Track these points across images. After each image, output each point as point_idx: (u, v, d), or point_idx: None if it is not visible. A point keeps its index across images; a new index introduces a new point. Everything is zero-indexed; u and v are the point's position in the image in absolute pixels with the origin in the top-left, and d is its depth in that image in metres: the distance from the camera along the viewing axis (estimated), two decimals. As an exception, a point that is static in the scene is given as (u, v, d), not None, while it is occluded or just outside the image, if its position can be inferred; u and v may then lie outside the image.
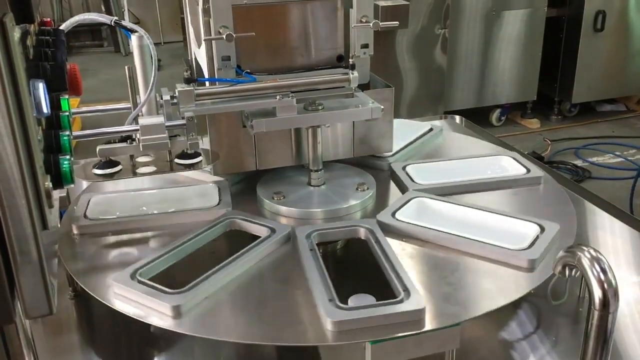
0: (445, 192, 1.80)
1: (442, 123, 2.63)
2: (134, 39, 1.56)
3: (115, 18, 1.60)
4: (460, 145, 2.25)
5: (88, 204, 1.75)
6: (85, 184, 1.96)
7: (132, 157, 1.61)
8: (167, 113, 1.60)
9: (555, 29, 5.52)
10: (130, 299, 1.35)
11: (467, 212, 1.67)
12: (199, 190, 1.84)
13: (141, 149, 1.55)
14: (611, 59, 5.60)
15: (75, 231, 1.63)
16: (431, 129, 2.27)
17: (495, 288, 1.41)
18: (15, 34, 0.68)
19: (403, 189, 1.83)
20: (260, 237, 1.57)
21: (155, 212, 1.72)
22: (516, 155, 2.03)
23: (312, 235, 1.55)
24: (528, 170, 1.92)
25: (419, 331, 1.26)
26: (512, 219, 1.62)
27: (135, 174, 1.59)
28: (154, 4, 8.83)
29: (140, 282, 1.37)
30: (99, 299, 1.38)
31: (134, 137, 1.58)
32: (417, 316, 1.27)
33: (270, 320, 1.30)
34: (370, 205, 1.77)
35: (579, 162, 5.06)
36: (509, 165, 1.98)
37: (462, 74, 5.31)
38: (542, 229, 1.56)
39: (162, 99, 1.61)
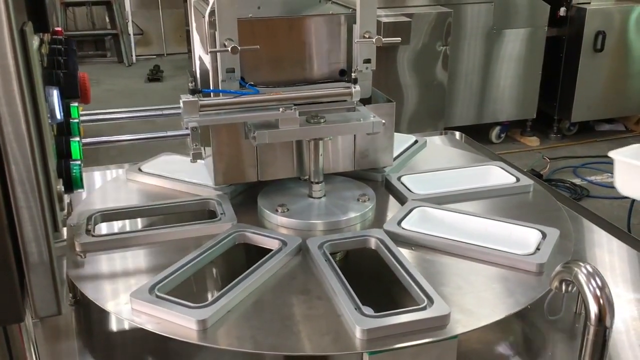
0: (443, 201, 1.85)
1: (442, 139, 2.66)
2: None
3: None
4: (445, 156, 2.33)
5: (91, 219, 1.73)
6: (85, 194, 1.98)
7: None
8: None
9: (555, 48, 5.57)
10: (151, 315, 1.34)
11: (469, 220, 1.72)
12: (201, 204, 1.85)
13: None
14: (610, 79, 5.65)
15: (78, 248, 1.61)
16: (416, 141, 2.32)
17: (509, 293, 1.45)
18: (34, 42, 0.70)
19: (402, 199, 1.86)
20: (271, 249, 1.58)
21: (160, 226, 1.72)
22: (503, 165, 2.09)
23: (324, 246, 1.58)
24: (517, 179, 1.98)
25: (445, 337, 1.29)
26: (513, 226, 1.67)
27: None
28: (157, 16, 8.89)
29: (159, 297, 1.37)
30: (119, 316, 1.39)
31: None
32: (443, 322, 1.30)
33: (297, 330, 1.32)
34: (371, 216, 1.79)
35: (577, 181, 5.08)
36: (499, 175, 2.04)
37: (462, 91, 5.34)
38: (544, 235, 1.60)
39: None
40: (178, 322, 1.31)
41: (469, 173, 2.04)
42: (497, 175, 2.03)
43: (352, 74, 1.81)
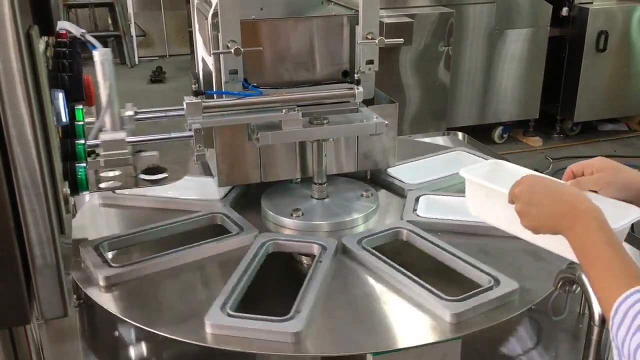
0: (437, 187, 1.91)
1: (444, 139, 2.66)
2: (96, 55, 1.50)
3: (84, 31, 1.54)
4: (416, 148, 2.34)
5: (99, 249, 1.61)
6: (88, 197, 1.97)
7: (96, 172, 1.53)
8: (131, 129, 1.55)
9: (557, 48, 5.55)
10: (235, 336, 1.30)
11: None
12: (208, 220, 1.79)
13: (102, 165, 1.49)
14: (613, 78, 5.63)
15: (102, 283, 1.49)
16: None
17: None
18: (40, 45, 0.71)
19: (397, 191, 1.90)
20: (309, 255, 1.60)
21: (179, 248, 1.61)
22: (469, 150, 2.16)
23: (362, 242, 1.59)
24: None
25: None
26: None
27: (98, 189, 1.53)
28: (160, 17, 8.88)
29: (233, 315, 1.33)
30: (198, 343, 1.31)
31: (97, 151, 1.50)
32: (513, 296, 1.37)
33: (385, 326, 1.36)
34: (373, 214, 1.80)
35: (580, 181, 5.06)
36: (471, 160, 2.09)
37: (465, 92, 5.33)
38: None
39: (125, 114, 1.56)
40: (268, 338, 1.28)
41: (444, 160, 2.11)
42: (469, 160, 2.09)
43: (355, 75, 1.82)
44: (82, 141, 0.89)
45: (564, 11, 5.45)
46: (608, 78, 5.60)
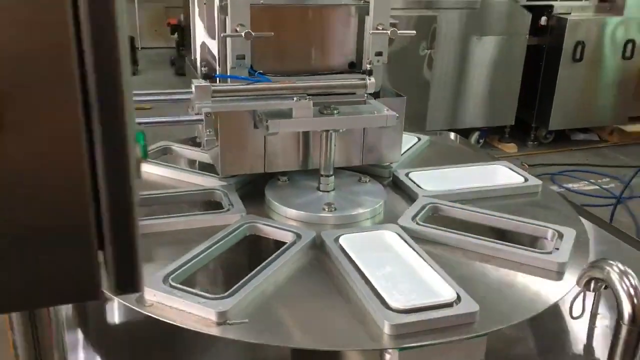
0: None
1: (437, 139, 2.64)
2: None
3: None
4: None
5: None
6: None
7: None
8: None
9: (535, 56, 5.62)
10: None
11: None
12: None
13: None
14: (587, 89, 5.73)
15: None
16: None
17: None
18: None
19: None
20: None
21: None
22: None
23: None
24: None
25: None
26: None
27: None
28: (133, 10, 8.72)
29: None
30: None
31: None
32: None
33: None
34: (381, 212, 1.75)
35: (554, 188, 5.13)
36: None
37: (442, 96, 5.36)
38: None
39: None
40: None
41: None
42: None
43: (367, 66, 1.77)
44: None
45: (543, 20, 5.53)
46: (582, 88, 5.70)
